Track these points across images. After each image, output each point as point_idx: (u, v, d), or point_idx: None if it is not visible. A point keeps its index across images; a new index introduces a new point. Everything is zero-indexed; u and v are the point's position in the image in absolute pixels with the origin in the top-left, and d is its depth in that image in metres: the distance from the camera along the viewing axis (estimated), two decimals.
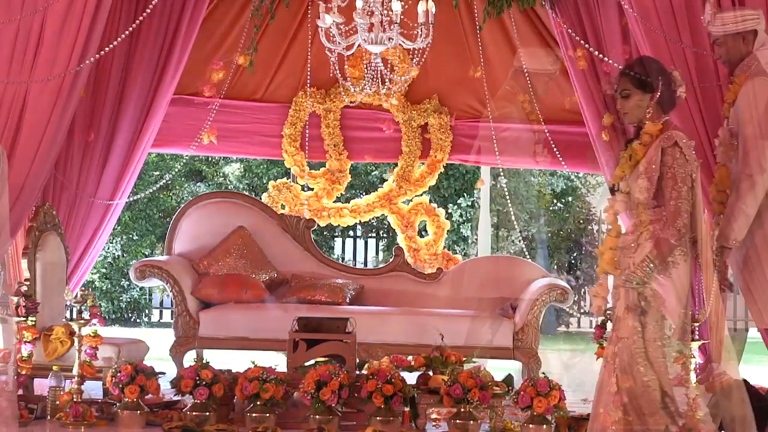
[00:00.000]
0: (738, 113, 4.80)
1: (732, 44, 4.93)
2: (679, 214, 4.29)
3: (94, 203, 7.37)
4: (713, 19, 4.90)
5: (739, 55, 4.92)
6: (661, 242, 4.31)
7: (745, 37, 4.89)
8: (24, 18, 6.15)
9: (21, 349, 5.82)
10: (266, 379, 5.58)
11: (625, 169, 4.49)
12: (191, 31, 7.59)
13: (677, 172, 4.32)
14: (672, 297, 4.34)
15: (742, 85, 4.84)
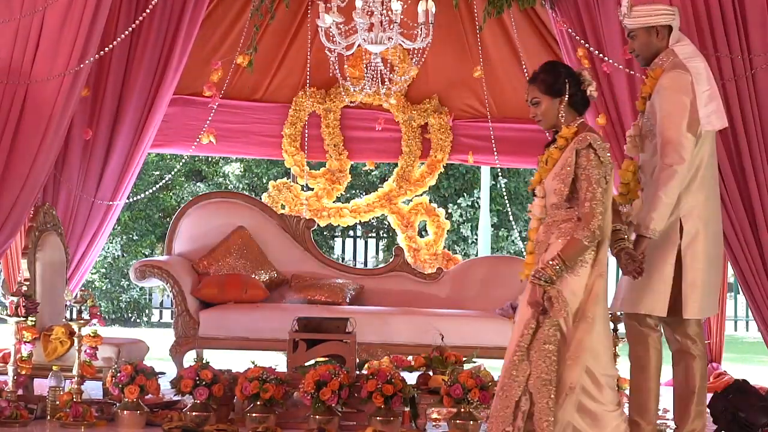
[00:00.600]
0: (655, 107, 4.81)
1: (645, 38, 4.94)
2: (593, 216, 4.29)
3: (94, 203, 7.38)
4: (629, 11, 4.91)
5: (653, 49, 4.94)
6: (573, 242, 4.33)
7: (659, 31, 4.91)
8: (24, 18, 6.15)
9: (21, 349, 5.82)
10: (266, 379, 5.58)
11: (542, 174, 4.52)
12: (191, 31, 7.59)
13: (591, 173, 4.31)
14: (576, 297, 4.35)
15: (658, 79, 4.86)
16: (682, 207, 4.80)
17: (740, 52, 6.19)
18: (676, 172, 4.71)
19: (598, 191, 4.30)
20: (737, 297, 14.72)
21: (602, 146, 4.35)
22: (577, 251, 4.32)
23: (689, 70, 4.85)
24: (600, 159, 4.33)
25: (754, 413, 5.51)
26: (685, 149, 4.73)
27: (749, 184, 6.25)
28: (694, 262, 4.81)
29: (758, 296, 6.31)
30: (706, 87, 4.90)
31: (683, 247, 4.80)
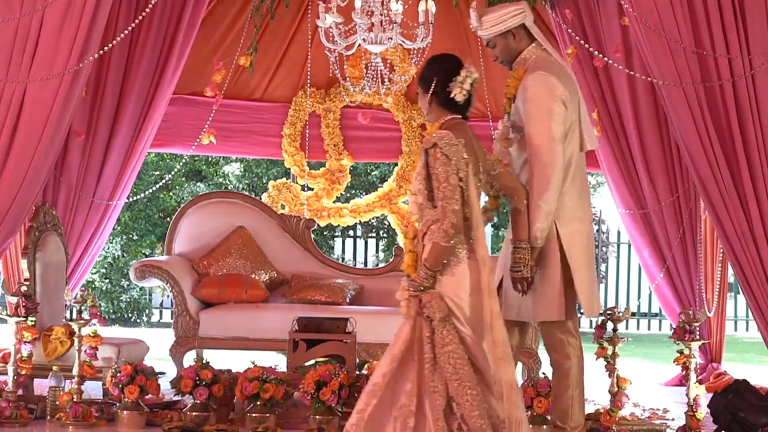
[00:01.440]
0: (520, 108, 4.80)
1: (503, 44, 4.94)
2: (445, 216, 4.30)
3: (94, 203, 7.38)
4: (480, 24, 4.91)
5: (514, 52, 4.93)
6: (432, 247, 4.34)
7: (515, 33, 4.90)
8: (23, 17, 6.14)
9: (21, 349, 5.82)
10: (266, 379, 5.58)
11: (412, 173, 4.56)
12: (191, 31, 7.59)
13: (439, 172, 4.32)
14: (462, 297, 4.35)
15: (521, 80, 4.85)
16: (556, 209, 4.77)
17: (739, 52, 6.19)
18: (550, 178, 4.69)
19: (448, 189, 4.30)
20: (737, 297, 14.71)
21: (449, 143, 4.33)
22: (437, 254, 4.32)
23: (555, 70, 4.82)
24: (447, 156, 4.33)
25: (754, 413, 5.52)
26: (556, 154, 4.71)
27: (746, 185, 6.24)
28: (578, 263, 4.80)
29: (758, 296, 6.31)
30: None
31: (565, 248, 4.78)
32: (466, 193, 4.35)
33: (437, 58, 4.72)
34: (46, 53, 6.18)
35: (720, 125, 6.26)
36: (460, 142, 4.34)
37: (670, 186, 7.76)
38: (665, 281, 7.91)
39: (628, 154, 7.82)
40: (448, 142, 4.32)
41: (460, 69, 4.53)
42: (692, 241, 7.79)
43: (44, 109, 6.18)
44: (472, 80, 4.51)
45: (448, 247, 4.31)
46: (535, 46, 4.91)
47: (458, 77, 4.49)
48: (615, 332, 5.64)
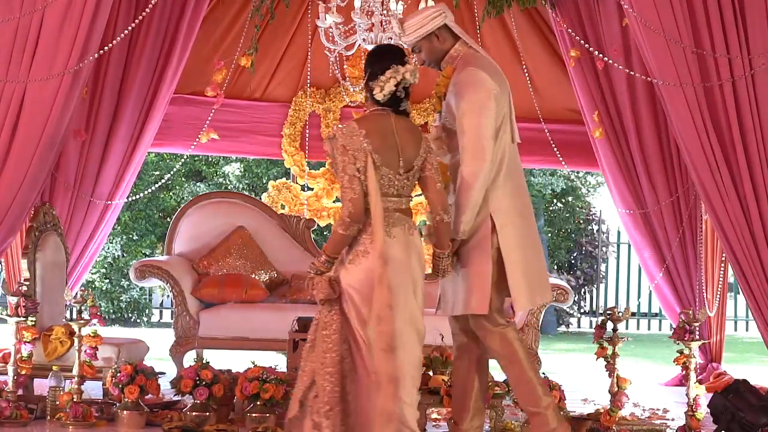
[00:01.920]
0: (450, 107, 4.82)
1: (428, 47, 4.96)
2: (343, 204, 4.39)
3: (94, 203, 7.37)
4: (402, 30, 4.94)
5: (440, 53, 4.96)
6: (332, 234, 4.44)
7: (438, 35, 4.93)
8: (23, 17, 6.14)
9: (21, 349, 5.82)
10: (266, 379, 5.58)
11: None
12: (191, 31, 7.59)
13: (338, 162, 4.40)
14: (360, 287, 4.39)
15: (451, 78, 4.88)
16: (490, 203, 4.81)
17: (739, 52, 6.19)
18: (479, 174, 4.71)
19: (345, 179, 4.36)
20: (737, 297, 14.72)
21: (347, 133, 4.38)
22: (335, 242, 4.41)
23: (484, 66, 4.84)
24: (345, 147, 4.36)
25: (754, 413, 5.52)
26: (486, 150, 4.73)
27: (745, 185, 6.24)
28: (513, 256, 4.81)
29: (758, 296, 6.31)
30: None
31: (501, 242, 4.81)
32: (364, 184, 4.38)
33: (376, 50, 4.74)
34: (46, 53, 6.18)
35: (719, 125, 6.25)
36: (361, 133, 4.37)
37: (670, 186, 7.76)
38: (665, 281, 7.91)
39: (628, 155, 7.83)
40: (346, 132, 4.37)
41: (388, 68, 4.51)
42: (692, 241, 7.79)
43: (44, 108, 6.18)
44: (398, 80, 4.51)
45: (346, 235, 4.39)
46: (460, 44, 4.94)
47: (382, 76, 4.49)
48: (615, 332, 5.64)
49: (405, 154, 4.50)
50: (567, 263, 15.39)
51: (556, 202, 15.72)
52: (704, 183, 6.29)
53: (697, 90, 6.19)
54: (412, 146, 4.53)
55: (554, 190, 15.08)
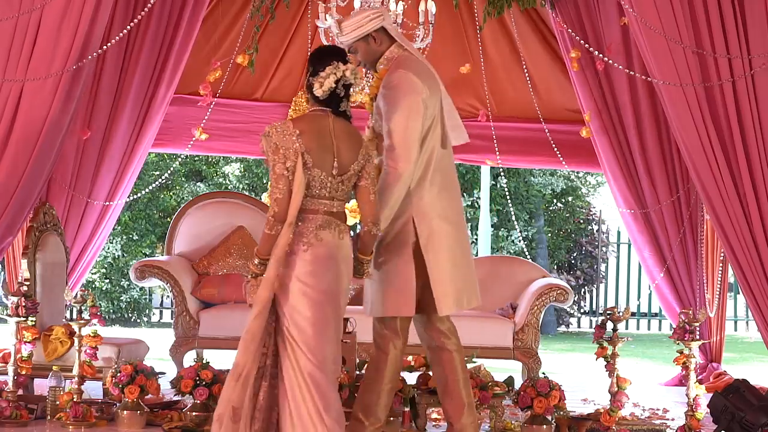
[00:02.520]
0: (380, 107, 4.84)
1: (365, 48, 5.00)
2: (270, 203, 4.40)
3: (94, 203, 7.37)
4: (340, 31, 4.97)
5: (376, 54, 4.99)
6: (262, 233, 4.42)
7: (375, 37, 4.95)
8: (22, 15, 6.14)
9: (21, 349, 5.82)
10: None
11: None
12: (191, 31, 7.59)
13: (269, 160, 4.40)
14: (291, 288, 4.43)
15: (383, 79, 4.91)
16: (413, 204, 4.80)
17: (739, 52, 6.19)
18: (401, 175, 4.71)
19: (273, 178, 4.37)
20: (737, 297, 14.72)
21: (280, 131, 4.36)
22: (262, 242, 4.40)
23: (415, 68, 4.86)
24: (277, 145, 4.35)
25: (754, 413, 5.52)
26: (411, 152, 4.73)
27: (745, 185, 6.24)
28: (437, 259, 4.81)
29: (758, 296, 6.31)
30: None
31: (423, 244, 4.80)
32: (295, 183, 4.38)
33: (318, 51, 4.77)
34: (45, 52, 6.17)
35: (720, 125, 6.26)
36: (294, 133, 4.36)
37: (671, 186, 7.77)
38: (666, 281, 7.91)
39: (628, 154, 7.83)
40: (280, 131, 4.37)
41: (331, 63, 4.53)
42: (693, 241, 7.79)
43: (43, 108, 6.18)
44: (338, 77, 4.52)
45: (271, 234, 4.37)
46: (395, 46, 4.96)
47: (322, 72, 4.50)
48: (615, 332, 5.64)
49: (341, 156, 4.46)
50: (567, 263, 15.39)
51: (556, 202, 15.71)
52: (704, 183, 6.29)
53: (698, 90, 6.20)
54: (349, 149, 4.49)
55: (554, 190, 15.08)
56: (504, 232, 14.60)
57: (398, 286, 4.82)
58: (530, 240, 14.45)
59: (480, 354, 6.59)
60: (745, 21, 6.22)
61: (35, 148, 6.21)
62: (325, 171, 4.41)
